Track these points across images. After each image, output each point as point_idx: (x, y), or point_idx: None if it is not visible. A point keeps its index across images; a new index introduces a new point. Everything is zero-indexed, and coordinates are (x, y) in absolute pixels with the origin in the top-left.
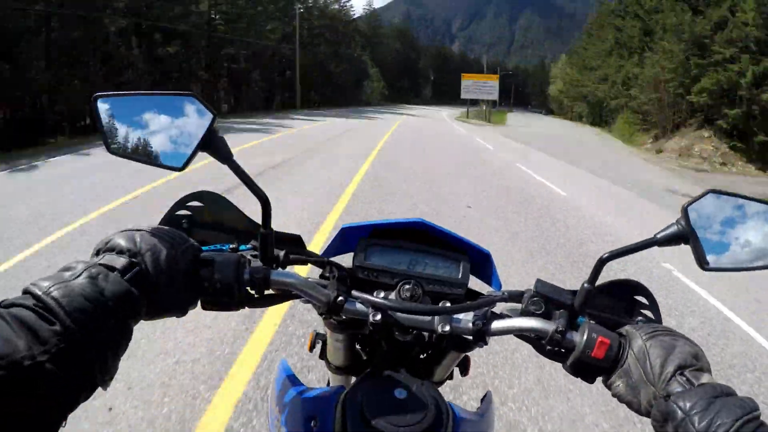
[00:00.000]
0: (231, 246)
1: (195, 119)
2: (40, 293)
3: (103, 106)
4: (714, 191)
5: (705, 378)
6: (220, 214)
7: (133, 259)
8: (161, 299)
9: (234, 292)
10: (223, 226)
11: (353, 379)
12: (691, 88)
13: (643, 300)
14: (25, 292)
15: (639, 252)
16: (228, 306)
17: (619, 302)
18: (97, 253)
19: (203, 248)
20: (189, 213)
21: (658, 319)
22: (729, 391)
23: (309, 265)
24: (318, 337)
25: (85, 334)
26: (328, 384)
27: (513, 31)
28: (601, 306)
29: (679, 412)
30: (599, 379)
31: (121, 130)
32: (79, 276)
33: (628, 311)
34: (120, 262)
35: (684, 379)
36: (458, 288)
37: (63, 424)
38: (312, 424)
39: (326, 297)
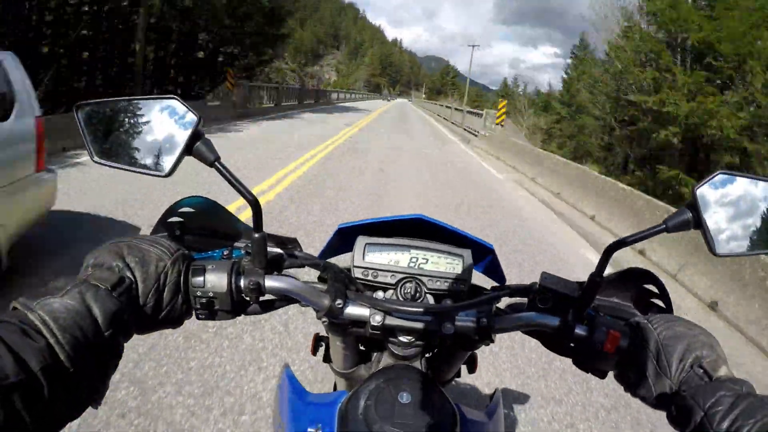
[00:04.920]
0: (224, 252)
1: (178, 122)
2: (26, 311)
3: (84, 114)
4: (724, 172)
5: (723, 371)
6: (212, 220)
7: (123, 275)
8: (153, 313)
9: (228, 301)
10: (216, 231)
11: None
12: None
13: (653, 288)
14: (13, 308)
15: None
16: (223, 315)
17: (627, 292)
18: (86, 268)
19: (196, 255)
20: (181, 220)
21: (668, 307)
22: (749, 388)
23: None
24: (320, 339)
25: (72, 352)
26: (335, 387)
27: None
28: (609, 296)
29: (699, 409)
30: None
31: (105, 137)
32: (66, 294)
33: (637, 301)
34: (109, 278)
35: (701, 371)
36: (461, 284)
37: None
38: (315, 430)
39: (325, 301)
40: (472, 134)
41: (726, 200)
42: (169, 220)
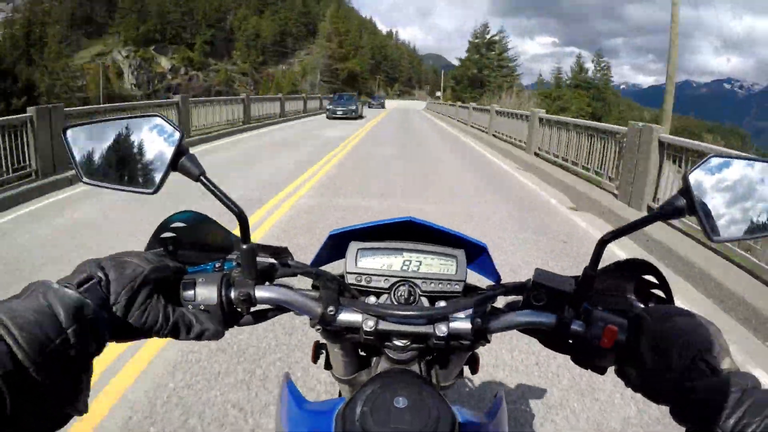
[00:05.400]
0: (216, 265)
1: (162, 139)
2: None
3: (72, 137)
4: (717, 155)
5: (726, 363)
6: (204, 233)
7: (92, 273)
8: (127, 315)
9: (219, 313)
10: (208, 245)
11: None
12: None
13: (652, 279)
14: None
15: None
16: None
17: (625, 283)
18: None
19: (189, 270)
20: (173, 235)
21: (669, 298)
22: (754, 382)
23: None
24: (320, 347)
25: (32, 353)
26: (340, 394)
27: None
28: (607, 289)
29: (703, 405)
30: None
31: (93, 158)
32: (25, 294)
33: (636, 292)
34: (74, 278)
35: (704, 364)
36: (456, 284)
37: None
38: None
39: (317, 309)
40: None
41: (721, 184)
42: (162, 236)
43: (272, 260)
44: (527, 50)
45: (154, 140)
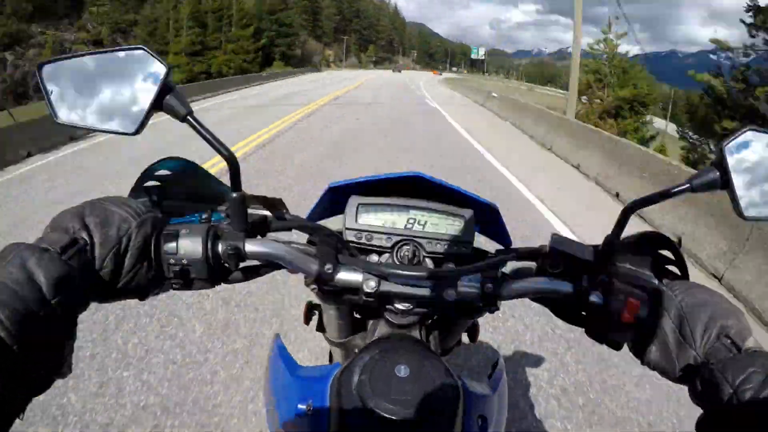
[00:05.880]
0: (203, 216)
1: (146, 75)
2: None
3: (47, 73)
4: (753, 128)
5: (751, 342)
6: (191, 183)
7: (76, 236)
8: (112, 279)
9: (204, 268)
10: (195, 195)
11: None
12: None
13: (669, 255)
14: None
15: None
16: (200, 283)
17: (641, 258)
18: (44, 233)
19: (172, 221)
20: (158, 183)
21: (684, 275)
22: None
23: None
24: (313, 308)
25: (13, 328)
26: (330, 358)
27: None
28: (622, 262)
29: (727, 384)
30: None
31: (69, 96)
32: (6, 262)
33: (652, 268)
34: (58, 240)
35: (729, 341)
36: (463, 246)
37: (21, 417)
38: (306, 408)
39: (314, 266)
40: None
41: (756, 159)
42: (146, 184)
43: (265, 212)
44: (511, 17)
45: (137, 76)
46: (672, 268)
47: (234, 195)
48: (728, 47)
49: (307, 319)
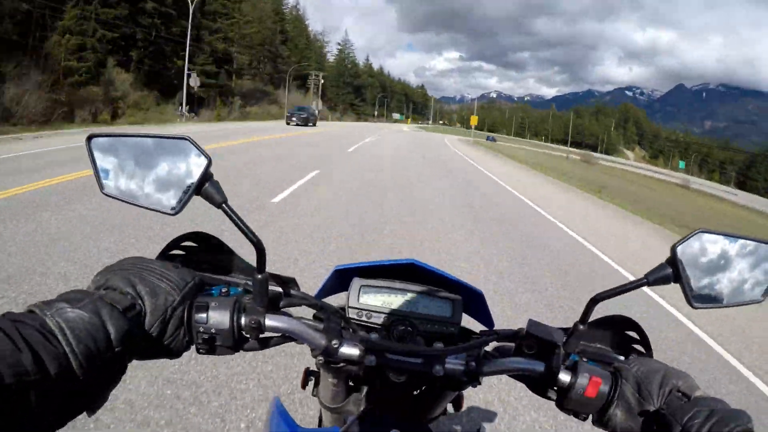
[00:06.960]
0: (222, 289)
1: (189, 163)
2: (43, 316)
3: (96, 146)
4: (703, 230)
5: (699, 392)
6: (214, 256)
7: (134, 302)
8: (156, 342)
9: (230, 338)
10: (216, 268)
11: (347, 418)
12: None
13: (634, 335)
14: (30, 311)
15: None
16: (223, 350)
17: (610, 336)
18: (98, 288)
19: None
20: (183, 253)
21: (649, 353)
22: (723, 404)
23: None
24: (310, 374)
25: (84, 362)
26: (320, 421)
27: None
28: (593, 340)
29: (677, 423)
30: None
31: (115, 171)
32: (82, 306)
33: (620, 345)
34: (121, 301)
35: (680, 394)
36: (451, 327)
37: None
38: None
39: (322, 341)
40: None
41: (704, 257)
42: (172, 252)
43: (279, 289)
44: (435, 65)
45: (180, 163)
46: (637, 346)
47: (259, 276)
48: None
49: (305, 384)
